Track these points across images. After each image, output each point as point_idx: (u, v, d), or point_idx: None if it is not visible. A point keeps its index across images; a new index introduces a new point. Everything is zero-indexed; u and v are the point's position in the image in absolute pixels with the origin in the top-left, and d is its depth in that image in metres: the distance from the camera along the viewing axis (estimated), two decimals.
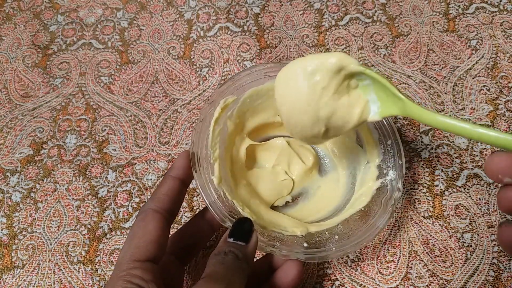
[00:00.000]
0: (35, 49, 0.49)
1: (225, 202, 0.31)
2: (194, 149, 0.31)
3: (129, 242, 0.26)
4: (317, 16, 0.50)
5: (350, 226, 0.33)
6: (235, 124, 0.36)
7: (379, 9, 0.50)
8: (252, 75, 0.36)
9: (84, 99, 0.45)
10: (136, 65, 0.47)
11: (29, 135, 0.43)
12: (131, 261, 0.25)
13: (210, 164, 0.32)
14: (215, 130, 0.33)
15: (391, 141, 0.35)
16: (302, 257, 0.30)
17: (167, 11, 0.51)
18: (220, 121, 0.34)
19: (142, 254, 0.25)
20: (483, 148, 0.41)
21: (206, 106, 0.34)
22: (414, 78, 0.45)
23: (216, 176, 0.31)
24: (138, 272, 0.24)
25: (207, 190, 0.30)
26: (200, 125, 0.33)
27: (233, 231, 0.27)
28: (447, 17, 0.49)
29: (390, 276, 0.35)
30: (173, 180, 0.30)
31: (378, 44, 0.47)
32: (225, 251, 0.25)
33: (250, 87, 0.35)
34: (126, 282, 0.24)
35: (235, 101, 0.35)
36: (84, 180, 0.40)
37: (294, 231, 0.32)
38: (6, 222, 0.39)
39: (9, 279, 0.36)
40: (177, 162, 0.31)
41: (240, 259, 0.25)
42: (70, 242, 0.38)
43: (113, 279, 0.24)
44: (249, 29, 0.49)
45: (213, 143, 0.33)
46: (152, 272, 0.25)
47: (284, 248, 0.30)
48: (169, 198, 0.29)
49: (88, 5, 0.52)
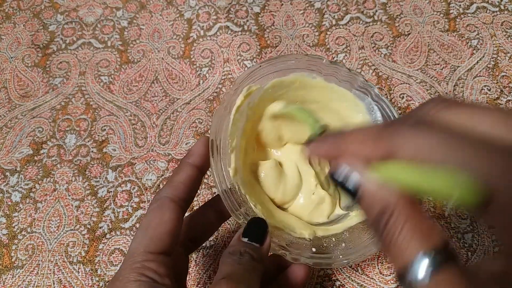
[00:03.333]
0: (35, 48, 0.49)
1: (239, 196, 0.30)
2: (213, 136, 0.30)
3: (144, 231, 0.25)
4: (318, 15, 0.50)
5: (356, 235, 0.32)
6: (254, 114, 0.34)
7: (379, 9, 0.50)
8: (277, 65, 0.34)
9: (84, 99, 0.45)
10: (136, 65, 0.47)
11: (28, 135, 0.43)
12: (145, 253, 0.24)
13: (227, 153, 0.31)
14: (236, 118, 0.32)
15: None
16: (310, 262, 0.29)
17: (167, 11, 0.51)
18: (241, 110, 0.32)
19: (157, 246, 0.24)
20: None
21: (229, 92, 0.33)
22: (415, 78, 0.45)
23: (232, 168, 0.30)
24: (152, 265, 0.23)
25: (221, 180, 0.29)
26: (221, 111, 0.32)
27: (247, 231, 0.26)
28: (448, 16, 0.49)
29: (391, 276, 0.35)
30: (191, 167, 0.28)
31: (379, 43, 0.47)
32: (241, 251, 0.24)
33: (274, 78, 0.34)
34: (140, 275, 0.23)
35: (258, 90, 0.34)
36: (84, 180, 0.40)
37: (302, 233, 0.32)
38: (6, 222, 0.39)
39: (8, 279, 0.36)
40: (195, 148, 0.29)
41: (256, 260, 0.24)
42: (70, 242, 0.37)
43: (126, 269, 0.23)
44: (249, 29, 0.49)
45: (232, 132, 0.31)
46: (166, 265, 0.24)
47: (294, 252, 0.29)
48: (186, 186, 0.27)
49: (88, 4, 0.52)
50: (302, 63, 0.35)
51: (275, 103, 0.34)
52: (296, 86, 0.36)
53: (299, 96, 0.38)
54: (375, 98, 0.36)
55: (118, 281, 0.23)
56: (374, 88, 0.36)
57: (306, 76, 0.36)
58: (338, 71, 0.36)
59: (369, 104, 0.36)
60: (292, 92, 0.36)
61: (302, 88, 0.37)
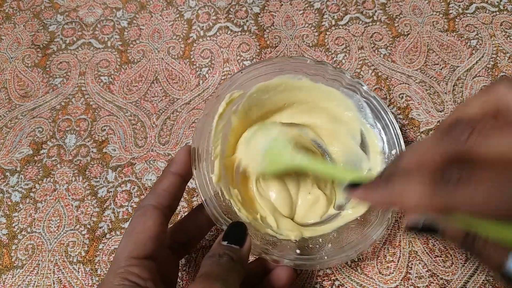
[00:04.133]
0: (35, 48, 0.49)
1: (222, 201, 0.30)
2: (195, 144, 0.31)
3: (127, 237, 0.26)
4: (317, 15, 0.50)
5: (344, 235, 0.32)
6: (239, 120, 0.35)
7: (379, 9, 0.50)
8: (260, 69, 0.35)
9: (84, 99, 0.45)
10: (136, 65, 0.47)
11: (28, 135, 0.43)
12: (129, 258, 0.25)
13: (210, 161, 0.31)
14: (219, 125, 0.32)
15: (396, 151, 0.34)
16: (291, 264, 0.29)
17: (166, 11, 0.51)
18: (224, 116, 0.33)
19: (140, 251, 0.25)
20: None
21: (211, 100, 0.33)
22: (414, 78, 0.45)
23: (215, 174, 0.31)
24: (135, 270, 0.24)
25: (204, 188, 0.30)
26: (203, 120, 0.32)
27: (227, 234, 0.26)
28: (447, 17, 0.49)
29: (390, 276, 0.35)
30: (173, 175, 0.29)
31: (378, 44, 0.47)
32: (220, 253, 0.25)
33: (258, 82, 0.34)
34: (123, 279, 0.24)
35: (241, 96, 0.34)
36: (84, 180, 0.40)
37: (288, 235, 0.32)
38: (6, 222, 0.39)
39: (8, 279, 0.36)
40: (177, 157, 0.30)
41: (235, 261, 0.25)
42: (70, 242, 0.38)
43: (110, 275, 0.24)
44: (249, 29, 0.49)
45: (215, 139, 0.32)
46: (150, 270, 0.25)
47: (276, 254, 0.29)
48: (169, 194, 0.28)
49: (88, 4, 0.52)
50: (286, 65, 0.35)
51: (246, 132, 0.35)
52: (281, 89, 0.36)
53: (285, 99, 0.38)
54: (364, 95, 0.36)
55: (103, 285, 0.24)
56: (363, 85, 0.36)
57: (291, 78, 0.36)
58: (324, 70, 0.36)
59: (358, 101, 0.36)
60: (278, 95, 0.36)
61: (287, 90, 0.37)
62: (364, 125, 0.36)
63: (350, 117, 0.37)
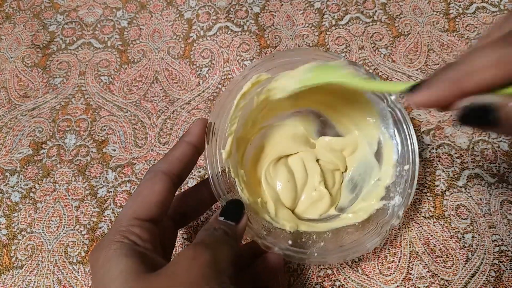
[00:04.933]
0: (35, 48, 0.49)
1: (227, 178, 0.30)
2: (212, 118, 0.31)
3: (133, 199, 0.26)
4: (317, 15, 0.50)
5: (339, 237, 0.32)
6: (260, 102, 0.34)
7: (379, 9, 0.50)
8: (292, 58, 0.34)
9: (84, 99, 0.45)
10: (136, 65, 0.47)
11: (28, 135, 0.43)
12: (132, 218, 0.25)
13: (224, 137, 0.31)
14: (240, 103, 0.32)
15: (408, 167, 0.33)
16: (281, 253, 0.29)
17: (167, 11, 0.51)
18: (247, 96, 0.33)
19: (143, 213, 0.26)
20: (484, 148, 0.40)
21: (237, 78, 0.33)
22: (414, 78, 0.45)
23: (226, 151, 0.31)
24: (136, 230, 0.25)
25: (213, 163, 0.30)
26: (225, 95, 0.32)
27: (225, 211, 0.27)
28: (448, 17, 0.49)
29: (391, 276, 0.35)
30: (187, 145, 0.29)
31: (379, 43, 0.47)
32: (215, 227, 0.25)
33: (286, 70, 0.34)
34: (123, 237, 0.24)
35: (268, 80, 0.33)
36: (84, 180, 0.40)
37: (284, 225, 0.32)
38: (5, 222, 0.39)
39: (8, 279, 0.36)
40: (193, 128, 0.30)
41: (229, 236, 0.25)
42: (70, 243, 0.37)
43: (111, 232, 0.25)
44: (249, 29, 0.49)
45: (233, 117, 0.32)
46: (151, 232, 0.25)
47: (269, 240, 0.30)
48: (180, 163, 0.28)
49: (88, 4, 0.52)
50: (318, 58, 0.34)
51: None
52: None
53: None
54: (390, 105, 0.35)
55: (102, 242, 0.24)
56: (391, 95, 0.35)
57: None
58: (356, 72, 0.35)
59: (383, 109, 0.35)
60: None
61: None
62: (384, 135, 0.35)
63: (372, 124, 0.36)
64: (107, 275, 0.22)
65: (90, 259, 0.24)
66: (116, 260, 0.22)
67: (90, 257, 0.24)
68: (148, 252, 0.24)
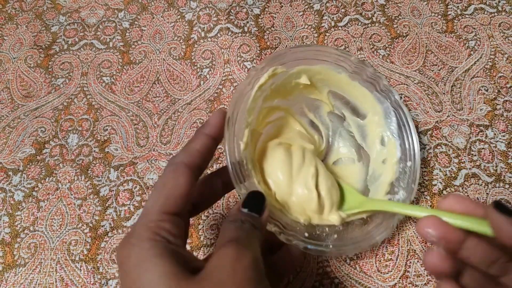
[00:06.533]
0: (37, 49, 0.49)
1: (244, 170, 0.30)
2: (230, 109, 0.31)
3: (159, 192, 0.25)
4: (317, 17, 0.50)
5: (349, 230, 0.33)
6: (272, 96, 0.35)
7: (378, 10, 0.50)
8: (306, 53, 0.35)
9: (86, 99, 0.45)
10: (138, 66, 0.48)
11: (31, 135, 0.43)
12: (160, 213, 0.24)
13: (242, 127, 0.31)
14: (257, 95, 0.32)
15: (411, 163, 0.34)
16: (301, 246, 0.30)
17: (168, 12, 0.51)
18: (263, 88, 0.33)
19: (171, 207, 0.25)
20: (481, 148, 0.41)
21: (255, 68, 0.33)
22: (412, 78, 0.45)
23: (243, 142, 0.31)
24: (167, 226, 0.24)
25: (233, 151, 0.30)
26: (243, 86, 0.32)
27: (247, 202, 0.26)
28: (446, 18, 0.49)
29: (389, 274, 0.36)
30: (207, 137, 0.29)
31: (377, 45, 0.48)
32: (242, 219, 0.25)
33: (300, 64, 0.35)
34: (155, 234, 0.23)
35: (283, 73, 0.34)
36: (86, 179, 0.41)
37: (297, 217, 0.32)
38: (9, 221, 0.39)
39: (11, 277, 0.36)
40: (212, 119, 0.30)
41: (256, 228, 0.25)
42: (72, 241, 0.38)
43: (140, 227, 0.24)
44: (249, 30, 0.49)
45: (251, 108, 0.32)
46: (179, 226, 0.25)
47: (288, 233, 0.30)
48: (201, 154, 0.28)
49: (90, 5, 0.52)
50: (330, 56, 0.36)
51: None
52: (320, 77, 0.37)
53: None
54: (394, 105, 0.36)
55: (133, 238, 0.23)
56: (395, 94, 0.36)
57: (332, 69, 0.36)
58: (364, 71, 0.36)
59: (387, 108, 0.36)
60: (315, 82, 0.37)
61: (325, 80, 0.37)
62: (386, 132, 0.36)
63: (375, 122, 0.37)
64: (145, 278, 0.21)
65: (118, 255, 0.23)
66: (153, 262, 0.22)
67: (118, 253, 0.23)
68: (180, 249, 0.24)
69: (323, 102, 0.39)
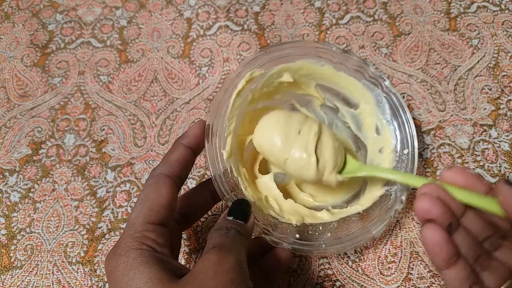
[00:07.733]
0: (34, 48, 0.49)
1: (230, 178, 0.31)
2: (210, 119, 0.31)
3: (142, 204, 0.26)
4: (318, 14, 0.49)
5: (345, 226, 0.32)
6: (256, 99, 0.35)
7: (380, 8, 0.50)
8: (284, 51, 0.34)
9: (83, 98, 0.45)
10: (135, 64, 0.47)
11: (27, 135, 0.43)
12: (145, 223, 0.25)
13: (223, 137, 0.31)
14: (236, 102, 0.32)
15: (408, 151, 0.33)
16: (289, 247, 0.30)
17: (166, 10, 0.51)
18: (242, 94, 0.33)
19: (155, 217, 0.26)
20: (485, 148, 0.40)
21: (231, 76, 0.33)
22: (415, 77, 0.45)
23: (226, 151, 0.31)
24: (152, 235, 0.25)
25: (215, 163, 0.30)
26: (221, 95, 0.32)
27: (232, 210, 0.27)
28: (449, 16, 0.49)
29: (391, 277, 0.35)
30: (185, 148, 0.30)
31: (379, 43, 0.47)
32: (227, 226, 0.26)
33: (280, 63, 0.34)
34: (141, 244, 0.24)
35: (261, 75, 0.34)
36: (83, 180, 0.40)
37: (290, 219, 0.32)
38: (5, 222, 0.38)
39: (7, 279, 0.36)
40: (190, 130, 0.31)
41: (242, 234, 0.26)
42: (69, 243, 0.37)
43: (126, 238, 0.24)
44: (249, 28, 0.49)
45: (231, 116, 0.32)
46: (164, 236, 0.26)
47: (276, 235, 0.30)
48: (180, 164, 0.29)
49: (87, 3, 0.52)
50: (310, 49, 0.35)
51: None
52: (303, 73, 0.36)
53: None
54: (385, 90, 0.35)
55: (119, 249, 0.24)
56: (385, 80, 0.35)
57: (314, 63, 0.35)
58: (349, 60, 0.35)
59: (378, 95, 0.35)
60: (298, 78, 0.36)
61: (310, 74, 0.36)
62: (380, 121, 0.36)
63: (368, 111, 0.36)
64: (132, 285, 0.22)
65: (107, 266, 0.24)
66: (139, 269, 0.23)
67: (107, 264, 0.24)
68: (166, 257, 0.24)
69: (313, 96, 0.38)
